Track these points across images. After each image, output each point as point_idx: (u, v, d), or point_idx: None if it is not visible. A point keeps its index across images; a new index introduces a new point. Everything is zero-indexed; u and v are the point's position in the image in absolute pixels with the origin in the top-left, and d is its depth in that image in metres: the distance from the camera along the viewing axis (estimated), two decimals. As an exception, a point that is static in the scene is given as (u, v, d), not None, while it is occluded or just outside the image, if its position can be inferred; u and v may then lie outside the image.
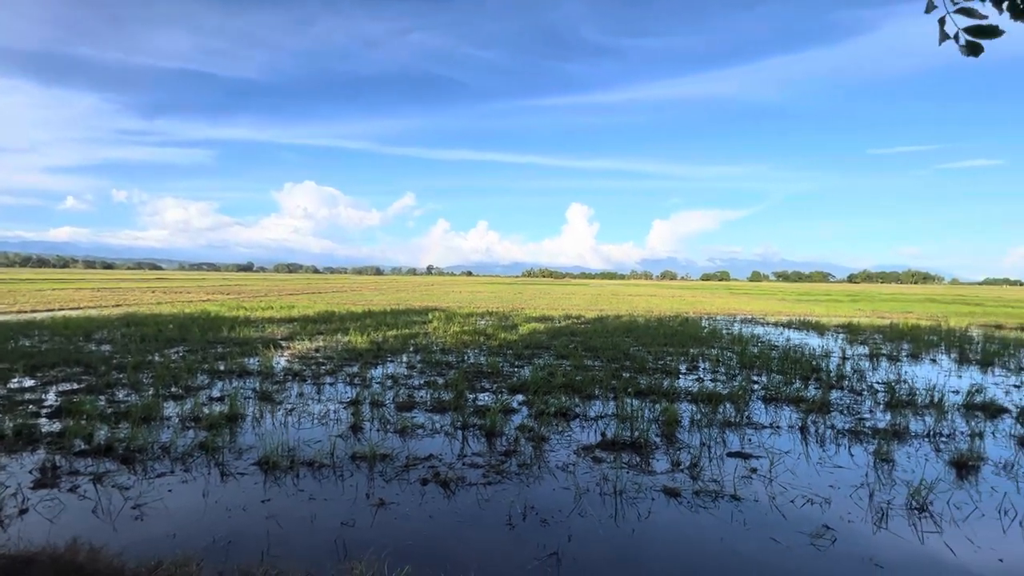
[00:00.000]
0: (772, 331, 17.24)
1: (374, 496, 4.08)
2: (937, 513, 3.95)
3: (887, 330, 17.33)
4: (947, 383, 8.70)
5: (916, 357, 11.75)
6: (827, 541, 3.53)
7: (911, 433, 5.87)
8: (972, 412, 6.80)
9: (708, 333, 15.29)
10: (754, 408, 6.86)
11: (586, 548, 3.42)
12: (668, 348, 12.00)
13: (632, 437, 5.44)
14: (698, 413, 6.42)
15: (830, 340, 14.88)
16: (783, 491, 4.31)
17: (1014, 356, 11.81)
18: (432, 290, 49.47)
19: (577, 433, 5.76)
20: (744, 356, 10.66)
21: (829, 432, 5.87)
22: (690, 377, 8.86)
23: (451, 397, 6.90)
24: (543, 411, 6.27)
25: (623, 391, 7.39)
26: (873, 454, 5.15)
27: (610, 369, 9.08)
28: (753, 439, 5.62)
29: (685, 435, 5.72)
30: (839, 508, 4.02)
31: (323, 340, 12.54)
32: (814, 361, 10.26)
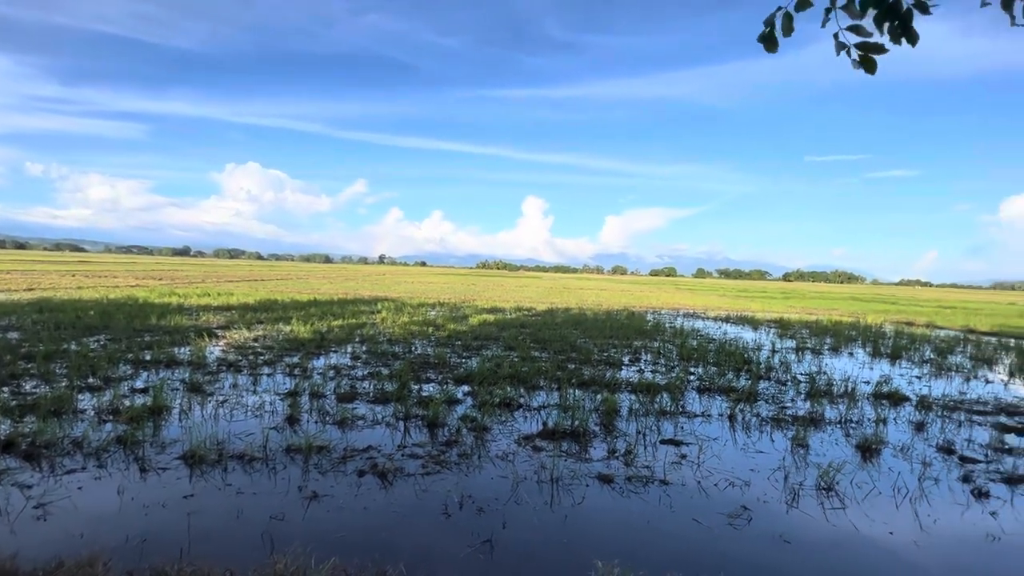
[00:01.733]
0: (711, 325, 18.11)
1: (307, 489, 3.97)
2: (842, 492, 4.30)
3: (813, 325, 18.62)
4: (860, 375, 9.47)
5: (836, 351, 12.71)
6: (744, 521, 3.77)
7: (826, 420, 6.35)
8: (879, 401, 7.44)
9: (652, 326, 15.86)
10: (689, 398, 7.20)
11: (520, 534, 3.49)
12: (614, 340, 12.35)
13: (572, 426, 5.58)
14: (637, 403, 6.66)
15: (762, 334, 15.81)
16: (709, 475, 4.56)
17: (919, 350, 13.01)
18: (383, 280, 48.43)
19: (520, 423, 5.84)
20: (683, 349, 11.15)
21: (754, 420, 6.26)
22: (632, 368, 9.17)
23: (395, 388, 6.80)
24: (487, 401, 6.31)
25: (567, 382, 7.55)
26: (791, 440, 5.54)
27: (556, 360, 9.25)
28: (686, 427, 5.91)
29: (623, 424, 5.93)
30: (757, 490, 4.30)
31: (263, 329, 12.02)
32: (747, 354, 10.87)
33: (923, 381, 9.22)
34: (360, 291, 28.97)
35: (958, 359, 11.92)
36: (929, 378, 9.52)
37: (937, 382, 9.15)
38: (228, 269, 66.31)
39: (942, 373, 10.07)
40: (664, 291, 48.68)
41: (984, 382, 9.37)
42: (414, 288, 34.67)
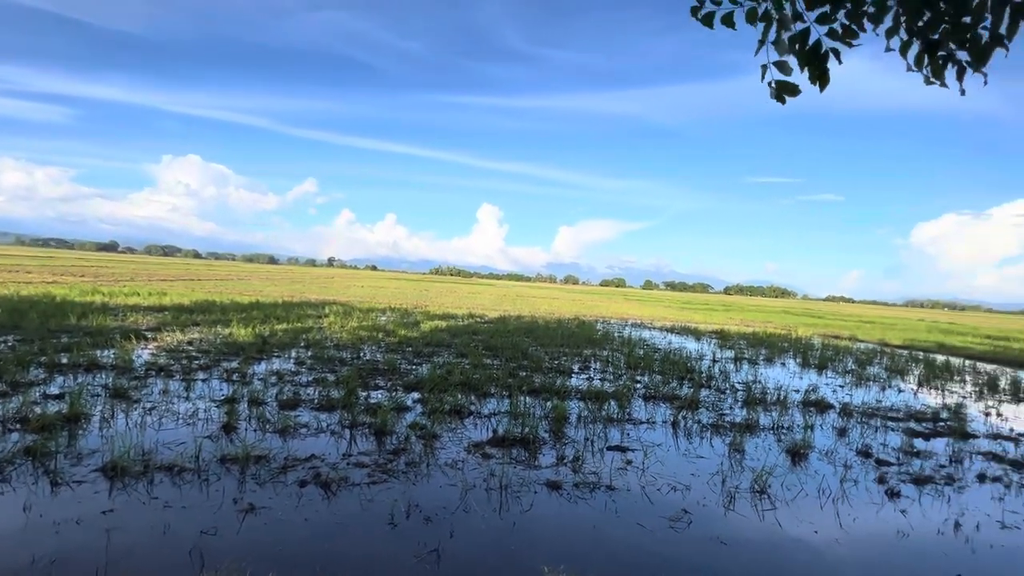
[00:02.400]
0: (657, 335, 18.78)
1: (244, 501, 3.77)
2: (774, 494, 4.56)
3: (750, 337, 19.70)
4: (791, 383, 10.10)
5: (770, 361, 13.50)
6: (684, 524, 3.92)
7: (760, 426, 6.72)
8: (807, 408, 7.96)
9: (602, 335, 16.24)
10: (636, 405, 7.42)
11: (468, 543, 3.46)
12: (564, 349, 12.55)
13: (522, 433, 5.60)
14: (586, 410, 6.79)
15: (704, 344, 16.56)
16: (653, 480, 4.71)
17: (842, 361, 14.05)
18: (332, 283, 46.92)
19: (470, 430, 5.80)
20: (631, 357, 11.48)
21: (696, 426, 6.53)
22: (582, 376, 9.35)
23: (342, 395, 6.59)
24: (437, 409, 6.23)
25: (518, 389, 7.58)
26: (729, 445, 5.82)
27: (508, 368, 9.28)
28: (632, 434, 6.07)
29: (572, 431, 6.02)
30: (697, 494, 4.48)
31: (199, 332, 11.33)
32: (690, 363, 11.34)
33: (845, 390, 9.95)
34: (307, 294, 27.92)
35: (875, 370, 12.96)
36: (851, 387, 10.29)
37: (857, 391, 9.90)
38: (161, 267, 62.07)
39: (862, 383, 10.91)
40: (614, 301, 50.02)
41: (897, 391, 10.23)
42: (364, 292, 33.82)
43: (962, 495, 4.85)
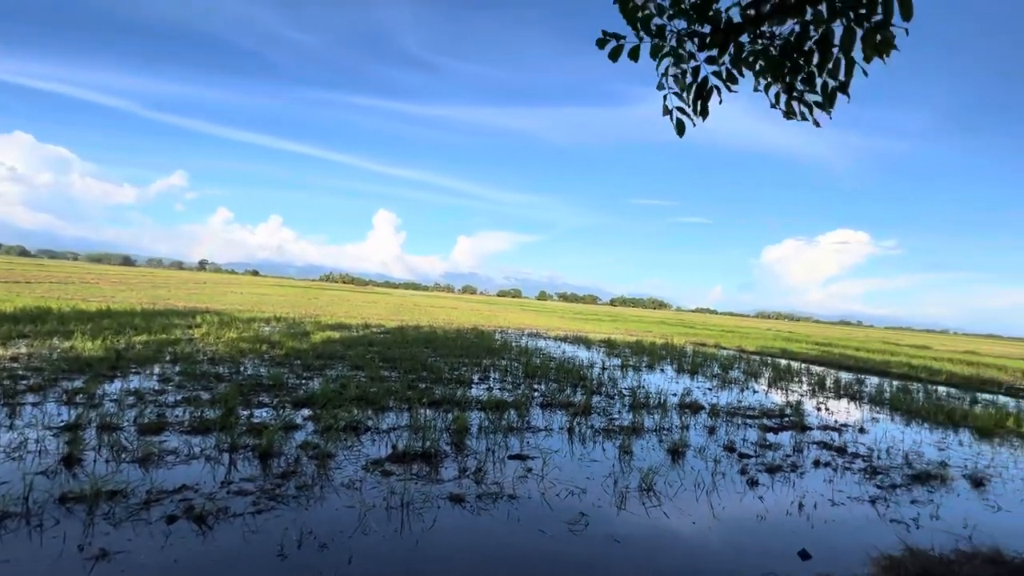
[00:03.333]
0: (552, 344, 19.57)
1: (93, 547, 3.21)
2: (659, 491, 4.98)
3: (634, 345, 21.36)
4: (669, 388, 11.13)
5: (652, 367, 14.76)
6: (582, 526, 4.12)
7: (645, 429, 7.31)
8: (683, 410, 8.83)
9: (500, 345, 16.52)
10: (534, 413, 7.65)
11: (368, 567, 3.30)
12: (464, 359, 12.55)
13: (423, 447, 5.49)
14: (486, 420, 6.85)
15: (595, 353, 17.61)
16: (552, 486, 4.88)
17: (710, 367, 15.81)
18: (205, 289, 42.00)
19: (368, 447, 5.55)
20: (528, 366, 11.83)
21: (589, 431, 6.91)
22: (482, 386, 9.41)
23: (219, 415, 5.92)
24: (331, 426, 5.87)
25: (418, 402, 7.42)
26: (619, 448, 6.25)
27: (407, 380, 9.04)
28: (531, 441, 6.25)
29: (473, 442, 6.03)
30: (592, 496, 4.74)
31: (28, 346, 9.45)
32: (582, 371, 11.99)
33: (713, 392, 11.21)
34: (173, 301, 24.67)
35: (736, 373, 14.78)
36: (717, 390, 11.62)
37: (722, 393, 11.21)
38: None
39: (726, 385, 12.37)
40: (511, 311, 51.18)
41: (752, 392, 11.77)
42: (245, 300, 30.78)
43: (803, 479, 5.71)
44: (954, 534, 4.45)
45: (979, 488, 5.92)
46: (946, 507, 5.20)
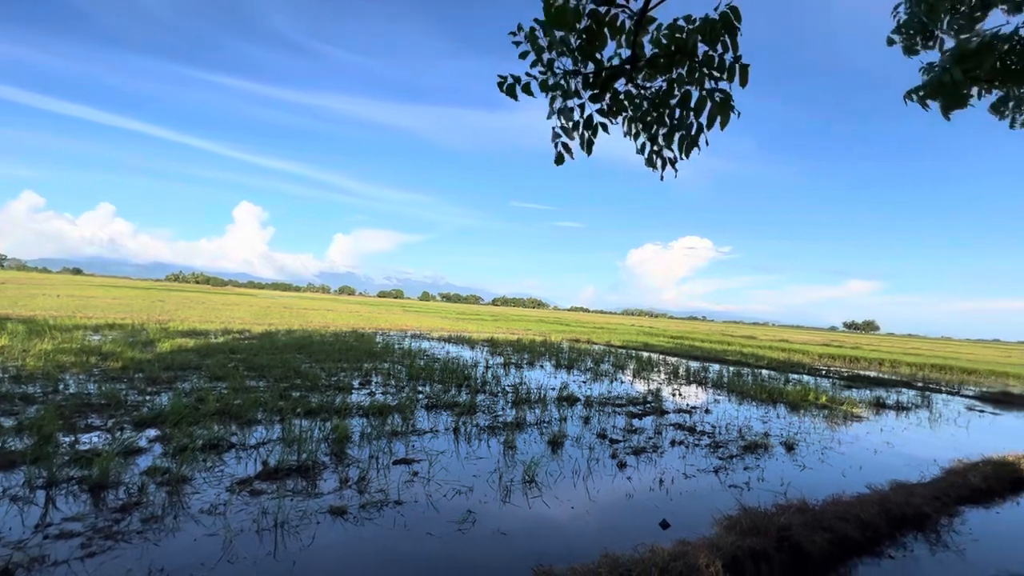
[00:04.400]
0: (436, 345, 19.43)
1: None
2: (540, 482, 5.24)
3: (515, 344, 22.11)
4: (548, 383, 11.75)
5: (532, 364, 15.42)
6: (470, 524, 4.18)
7: (527, 423, 7.63)
8: (561, 403, 9.39)
9: (382, 348, 15.95)
10: (419, 416, 7.54)
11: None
12: (343, 364, 11.90)
13: (299, 461, 5.11)
14: (369, 426, 6.59)
15: (478, 352, 17.87)
16: (439, 488, 4.87)
17: (584, 361, 17.01)
18: (4, 291, 34.04)
19: (233, 466, 5.00)
20: (412, 369, 11.62)
21: (475, 430, 7.01)
22: (363, 392, 9.02)
23: (31, 444, 4.88)
24: (186, 446, 5.18)
25: (291, 412, 6.87)
26: (503, 444, 6.44)
27: (278, 389, 8.31)
28: (416, 445, 6.16)
29: (355, 450, 5.77)
30: (479, 493, 4.83)
31: None
32: (466, 370, 12.10)
33: (587, 385, 12.09)
34: (-47, 306, 19.60)
35: (606, 366, 16.10)
36: (590, 382, 12.55)
37: (595, 385, 12.14)
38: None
39: (597, 378, 13.42)
40: (393, 312, 49.64)
41: (620, 382, 12.93)
42: (64, 304, 25.60)
43: (662, 458, 6.43)
44: (775, 491, 5.38)
45: (791, 452, 7.22)
46: (769, 470, 6.26)
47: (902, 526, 4.87)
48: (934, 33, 3.22)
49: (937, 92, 3.01)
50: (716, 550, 3.66)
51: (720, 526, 4.21)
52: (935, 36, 3.24)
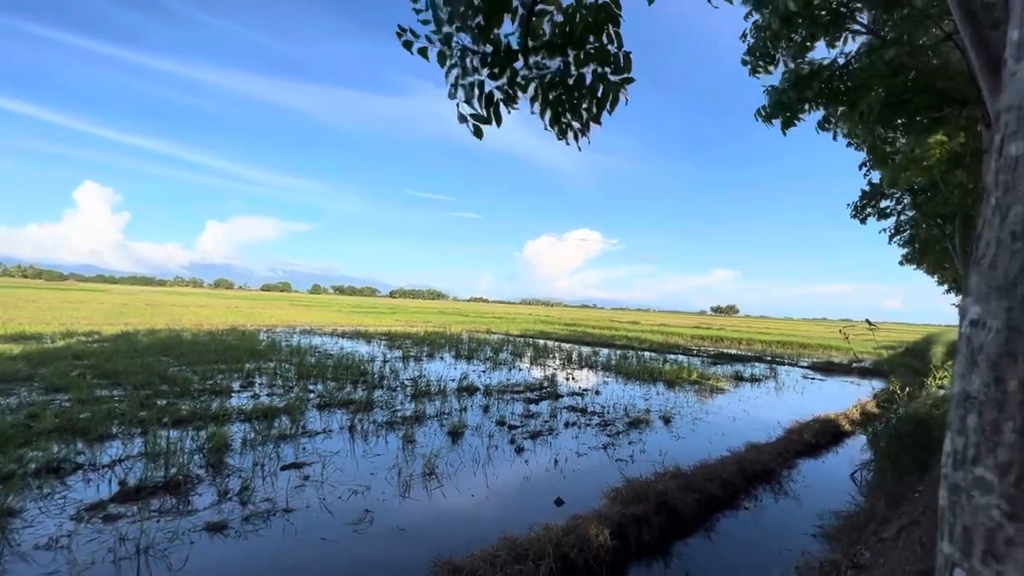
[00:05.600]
0: (329, 341, 18.40)
1: None
2: (440, 473, 5.25)
3: (414, 336, 21.73)
4: (449, 374, 11.75)
5: (432, 356, 15.29)
6: (367, 523, 4.07)
7: (427, 415, 7.57)
8: (462, 393, 9.45)
9: (267, 346, 14.73)
10: (310, 416, 7.12)
11: (88, 640, 2.60)
12: (220, 365, 10.78)
13: (167, 476, 4.57)
14: (252, 432, 6.08)
15: (375, 347, 17.28)
16: (333, 490, 4.66)
17: (483, 351, 17.25)
18: None
19: (79, 490, 4.32)
20: (302, 367, 10.90)
21: (372, 427, 6.80)
22: (245, 394, 8.27)
23: None
24: (12, 473, 4.36)
25: (156, 422, 6.09)
26: (402, 438, 6.33)
27: (138, 397, 7.30)
28: (308, 447, 5.82)
29: (237, 459, 5.29)
30: (377, 491, 4.71)
31: None
32: (363, 366, 11.64)
33: (487, 374, 12.30)
34: None
35: (505, 355, 16.49)
36: (490, 371, 12.78)
37: (494, 374, 12.39)
38: None
39: (497, 366, 13.70)
40: (279, 307, 45.95)
41: (518, 370, 13.35)
42: None
43: (557, 439, 6.79)
44: (654, 461, 5.95)
45: (668, 424, 8.03)
46: (649, 442, 6.90)
47: (754, 481, 5.68)
48: (775, 58, 3.75)
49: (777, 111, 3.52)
50: (604, 520, 3.97)
51: (607, 498, 4.57)
52: (776, 60, 3.78)
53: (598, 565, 3.58)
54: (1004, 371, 0.43)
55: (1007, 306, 0.44)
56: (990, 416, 0.44)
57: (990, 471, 0.43)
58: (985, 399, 0.45)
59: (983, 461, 0.44)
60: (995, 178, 0.47)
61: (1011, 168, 0.46)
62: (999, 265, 0.45)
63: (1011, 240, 0.44)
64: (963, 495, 0.46)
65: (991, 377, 0.44)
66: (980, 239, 0.48)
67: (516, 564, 3.29)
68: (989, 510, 0.43)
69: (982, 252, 0.48)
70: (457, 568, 3.20)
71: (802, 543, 4.27)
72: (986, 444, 0.44)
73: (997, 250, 0.46)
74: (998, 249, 0.46)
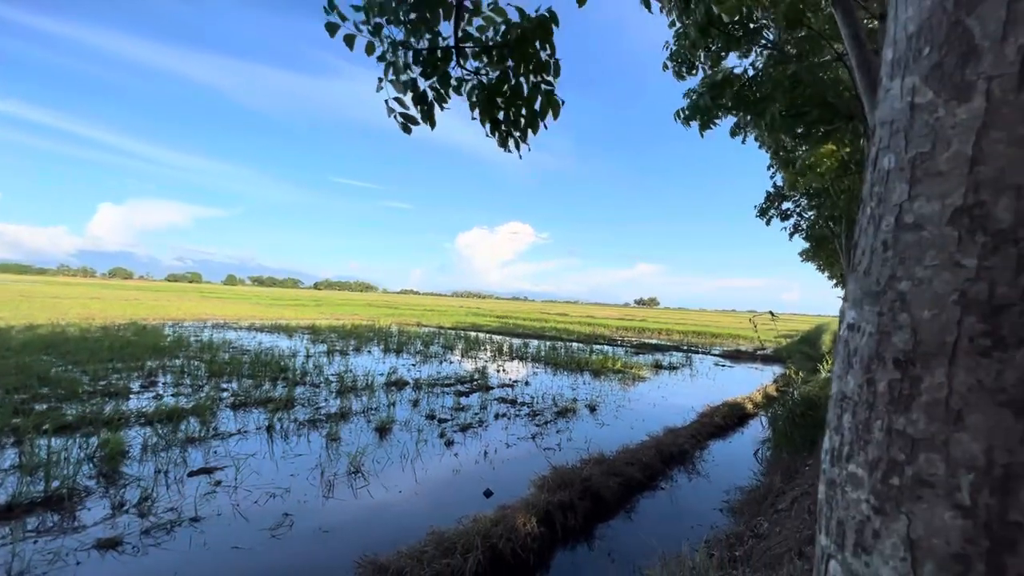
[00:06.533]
0: (245, 335, 17.20)
1: None
2: (367, 471, 5.10)
3: (340, 330, 20.89)
4: (377, 368, 11.42)
5: (359, 350, 14.78)
6: (286, 528, 3.86)
7: (353, 412, 7.32)
8: (390, 388, 9.23)
9: (173, 342, 13.48)
10: (223, 417, 6.63)
11: None
12: (116, 364, 9.73)
13: (47, 490, 4.06)
14: (155, 436, 5.55)
15: (297, 341, 16.40)
16: (248, 495, 4.38)
17: (413, 344, 16.95)
18: None
19: (-68, 513, 3.72)
20: (214, 364, 10.10)
21: (292, 426, 6.46)
22: (147, 395, 7.53)
23: None
24: None
25: (34, 429, 5.38)
26: (326, 436, 6.07)
27: (11, 403, 6.40)
28: (220, 450, 5.42)
29: (136, 467, 4.81)
30: (298, 493, 4.49)
31: None
32: (283, 362, 11.01)
33: (416, 367, 12.10)
34: None
35: (436, 348, 16.31)
36: (420, 365, 12.59)
37: (424, 367, 12.22)
38: None
39: (427, 360, 13.52)
40: (188, 300, 42.20)
41: (449, 363, 13.26)
42: None
43: (487, 431, 6.83)
44: (580, 448, 6.17)
45: (593, 412, 8.36)
46: (576, 431, 7.14)
47: (671, 462, 6.07)
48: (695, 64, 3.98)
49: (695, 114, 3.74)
50: (531, 508, 4.06)
51: (535, 486, 4.67)
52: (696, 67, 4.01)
53: (525, 553, 3.66)
54: (875, 373, 0.46)
55: (878, 311, 0.47)
56: (862, 415, 0.47)
57: (861, 467, 0.46)
58: (858, 399, 0.48)
59: (855, 458, 0.47)
60: (870, 189, 0.51)
61: (883, 180, 0.49)
62: (872, 272, 0.48)
63: (883, 249, 0.48)
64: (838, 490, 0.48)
65: (863, 379, 0.47)
66: (856, 247, 0.52)
67: (444, 558, 3.28)
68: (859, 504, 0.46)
69: (858, 259, 0.51)
70: (382, 567, 3.13)
71: (711, 518, 4.63)
72: (858, 442, 0.47)
73: (871, 258, 0.49)
74: (872, 257, 0.49)
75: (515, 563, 3.58)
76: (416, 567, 3.15)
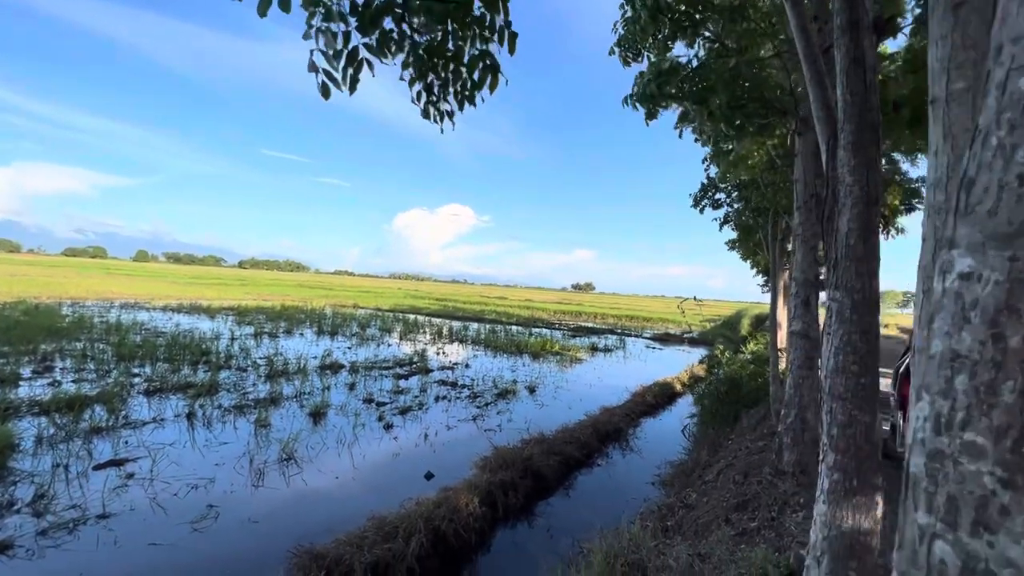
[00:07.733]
0: (160, 316, 15.83)
1: None
2: (300, 458, 4.87)
3: (269, 311, 19.75)
4: (310, 351, 10.92)
5: (290, 333, 14.05)
6: (211, 520, 3.61)
7: (285, 397, 6.95)
8: (324, 371, 8.86)
9: (72, 323, 12.13)
10: (135, 404, 6.06)
11: None
12: (2, 348, 8.60)
13: (-84, 491, 3.52)
14: (52, 427, 4.97)
15: (220, 323, 15.31)
16: (167, 487, 4.05)
17: (349, 326, 16.36)
18: None
19: None
20: (123, 347, 9.20)
21: (216, 412, 6.03)
22: (41, 382, 6.72)
23: None
24: None
25: None
26: (255, 423, 5.73)
27: None
28: (132, 440, 4.95)
29: (28, 461, 4.29)
30: (223, 483, 4.20)
31: None
32: (204, 344, 10.24)
33: (353, 350, 11.69)
34: None
35: (373, 331, 15.86)
36: (356, 347, 12.18)
37: (361, 350, 11.84)
38: None
39: (364, 342, 13.11)
40: (91, 277, 38.08)
41: (387, 346, 12.94)
42: None
43: (428, 414, 6.75)
44: (520, 429, 6.25)
45: (533, 394, 8.49)
46: (516, 412, 7.23)
47: (607, 440, 6.30)
48: (640, 52, 4.03)
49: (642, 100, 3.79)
50: (474, 489, 4.06)
51: (477, 467, 4.68)
52: (641, 54, 4.06)
53: (468, 533, 3.66)
54: (1004, 327, 0.40)
55: (1010, 255, 0.40)
56: (985, 376, 0.41)
57: (982, 435, 0.41)
58: (980, 358, 0.42)
59: (974, 424, 0.42)
60: (996, 117, 0.43)
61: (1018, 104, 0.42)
62: (1002, 211, 0.42)
63: (1018, 183, 0.41)
64: (948, 462, 0.43)
65: (987, 334, 0.42)
66: (974, 184, 0.45)
67: (385, 543, 3.20)
68: (980, 477, 0.41)
69: (977, 198, 0.44)
70: (319, 555, 3.00)
71: (645, 491, 4.87)
72: (979, 407, 0.41)
73: (999, 194, 0.42)
74: (1000, 193, 0.42)
75: (458, 544, 3.57)
76: (356, 553, 3.05)
